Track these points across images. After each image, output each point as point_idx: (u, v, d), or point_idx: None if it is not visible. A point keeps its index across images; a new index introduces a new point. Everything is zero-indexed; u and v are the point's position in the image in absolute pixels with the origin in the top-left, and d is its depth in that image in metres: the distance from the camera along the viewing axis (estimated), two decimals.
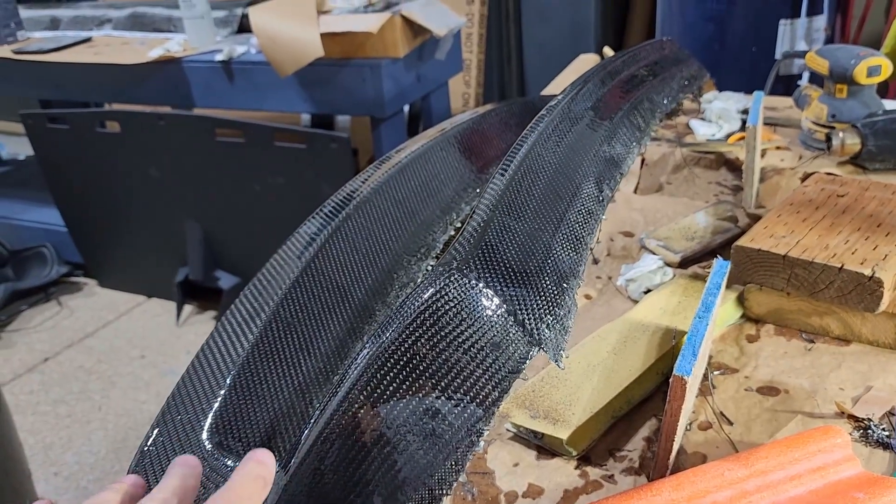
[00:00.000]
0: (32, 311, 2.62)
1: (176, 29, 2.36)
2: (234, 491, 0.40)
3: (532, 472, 0.61)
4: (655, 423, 0.65)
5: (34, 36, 2.53)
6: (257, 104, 2.14)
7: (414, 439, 0.47)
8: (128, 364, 2.29)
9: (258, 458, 0.42)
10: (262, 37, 1.89)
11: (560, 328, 0.53)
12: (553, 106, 0.74)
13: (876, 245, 0.72)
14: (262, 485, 0.41)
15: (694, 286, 0.80)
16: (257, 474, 0.41)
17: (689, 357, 0.54)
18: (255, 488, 0.41)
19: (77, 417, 2.08)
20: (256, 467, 0.41)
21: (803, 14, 2.03)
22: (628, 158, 0.75)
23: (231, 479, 0.41)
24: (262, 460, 0.42)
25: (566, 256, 0.58)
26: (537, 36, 2.93)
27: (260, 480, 0.41)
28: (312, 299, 0.63)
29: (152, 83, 2.18)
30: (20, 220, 2.80)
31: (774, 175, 1.06)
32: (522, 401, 0.65)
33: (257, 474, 0.41)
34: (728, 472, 0.53)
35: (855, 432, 0.61)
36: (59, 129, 2.36)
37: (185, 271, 2.42)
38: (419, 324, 0.49)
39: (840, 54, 1.10)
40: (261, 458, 0.42)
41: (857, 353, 0.71)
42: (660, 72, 0.93)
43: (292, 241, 0.67)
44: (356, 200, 0.70)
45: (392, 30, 1.93)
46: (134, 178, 2.35)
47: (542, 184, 0.64)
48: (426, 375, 0.48)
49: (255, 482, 0.41)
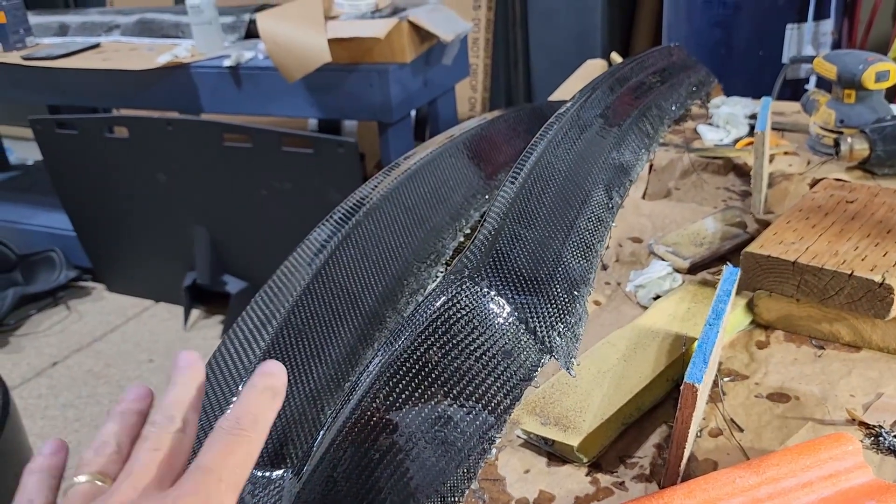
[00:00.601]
0: (41, 315, 2.63)
1: (184, 35, 2.38)
2: (244, 406, 0.38)
3: (543, 478, 0.61)
4: (666, 429, 0.65)
5: (43, 42, 2.55)
6: (265, 109, 2.15)
7: (426, 447, 0.48)
8: (136, 368, 2.30)
9: (266, 370, 0.41)
10: (269, 42, 1.90)
11: (571, 336, 0.53)
12: (562, 113, 0.74)
13: (886, 251, 0.72)
14: (272, 395, 0.40)
15: (703, 292, 0.80)
16: (266, 385, 0.40)
17: (700, 364, 0.54)
18: (265, 400, 0.39)
19: (86, 421, 2.09)
20: (264, 379, 0.40)
21: (810, 18, 2.03)
22: (637, 165, 0.75)
23: (241, 394, 0.39)
24: (270, 371, 0.41)
25: (576, 264, 0.58)
26: (544, 41, 2.94)
27: (269, 392, 0.40)
28: (323, 306, 0.63)
29: (160, 89, 2.20)
30: (29, 225, 2.82)
31: (783, 180, 1.06)
32: (533, 407, 0.65)
33: (266, 385, 0.40)
34: (739, 480, 0.53)
35: (866, 439, 0.61)
36: (68, 134, 2.37)
37: (193, 276, 2.43)
38: (431, 331, 0.50)
39: (848, 59, 1.10)
40: (269, 369, 0.41)
41: (868, 360, 0.71)
42: (668, 78, 0.93)
43: (302, 248, 0.68)
44: (366, 207, 0.71)
45: (399, 35, 1.94)
46: (142, 183, 2.36)
47: (553, 191, 0.64)
48: (438, 383, 0.49)
49: (264, 394, 0.39)
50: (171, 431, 0.37)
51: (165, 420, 0.38)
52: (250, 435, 0.37)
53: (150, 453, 0.36)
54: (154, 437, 0.37)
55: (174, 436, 0.37)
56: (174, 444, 0.37)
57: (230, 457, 0.36)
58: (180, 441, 0.37)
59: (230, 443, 0.37)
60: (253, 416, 0.38)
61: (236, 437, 0.37)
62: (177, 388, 0.39)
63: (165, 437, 0.37)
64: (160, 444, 0.37)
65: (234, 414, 0.38)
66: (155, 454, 0.36)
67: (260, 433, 0.38)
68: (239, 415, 0.38)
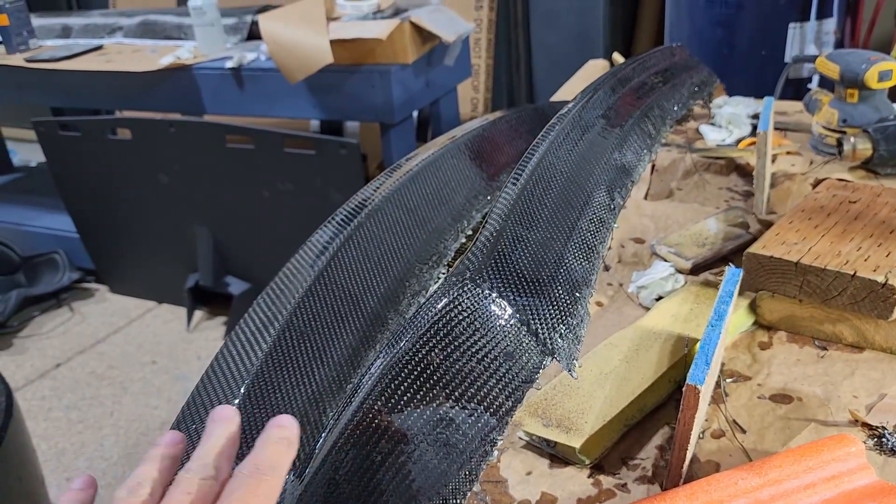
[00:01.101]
0: (44, 317, 2.63)
1: (186, 36, 2.38)
2: (260, 455, 0.40)
3: (545, 480, 0.61)
4: (668, 431, 0.65)
5: (46, 44, 2.55)
6: (267, 111, 2.16)
7: (428, 449, 0.48)
8: (139, 370, 2.30)
9: (279, 423, 0.42)
10: (271, 44, 1.90)
11: (573, 338, 0.53)
12: (564, 114, 0.74)
13: (889, 252, 0.72)
14: (287, 445, 0.41)
15: (706, 293, 0.80)
16: (280, 436, 0.41)
17: (703, 366, 0.54)
18: (281, 448, 0.41)
19: (89, 423, 2.09)
20: (279, 431, 0.42)
21: (812, 17, 2.03)
22: (639, 166, 0.75)
23: (256, 445, 0.41)
24: (283, 424, 0.42)
25: (578, 266, 0.58)
26: (546, 41, 2.94)
27: (284, 441, 0.41)
28: (325, 308, 0.63)
29: (163, 90, 2.20)
30: (32, 227, 2.82)
31: (785, 180, 1.05)
32: (535, 409, 0.65)
33: (280, 436, 0.41)
34: (742, 481, 0.53)
35: (869, 441, 0.61)
36: (71, 136, 2.38)
37: (196, 277, 2.43)
38: (433, 334, 0.50)
39: (851, 59, 1.10)
40: (282, 422, 0.42)
41: (871, 361, 0.70)
42: (670, 78, 0.93)
43: (304, 249, 0.68)
44: (368, 209, 0.71)
45: (401, 36, 1.94)
46: (145, 185, 2.36)
47: (554, 193, 0.64)
48: (440, 385, 0.49)
49: (279, 444, 0.41)
50: (203, 477, 0.39)
51: (199, 468, 0.40)
52: (270, 479, 0.39)
53: (182, 496, 0.38)
54: (186, 482, 0.39)
55: (206, 483, 0.39)
56: (206, 490, 0.39)
57: (252, 499, 0.38)
58: (211, 487, 0.39)
59: (251, 486, 0.39)
60: (270, 463, 0.40)
61: (257, 481, 0.39)
62: (212, 440, 0.42)
63: (197, 483, 0.39)
64: (192, 489, 0.39)
65: (253, 461, 0.40)
66: (186, 497, 0.38)
67: (278, 478, 0.40)
68: (257, 462, 0.40)
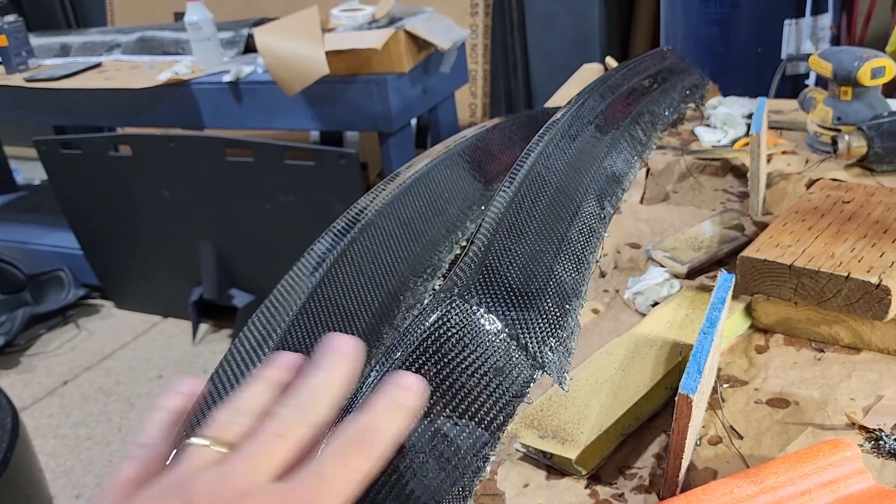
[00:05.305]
0: (51, 334, 2.65)
1: (184, 51, 2.39)
2: (375, 417, 0.34)
3: (542, 492, 0.61)
4: (665, 439, 0.65)
5: (45, 63, 2.57)
6: (266, 123, 2.17)
7: (420, 465, 0.48)
8: (146, 384, 2.31)
9: (402, 383, 0.35)
10: (268, 57, 1.91)
11: (563, 350, 0.53)
12: (552, 123, 0.74)
13: (883, 252, 0.72)
14: (405, 414, 0.35)
15: (701, 298, 0.80)
16: (400, 402, 0.35)
17: (695, 374, 0.54)
18: (396, 418, 0.34)
19: (97, 439, 2.10)
20: (399, 394, 0.35)
21: (808, 13, 2.03)
22: (630, 173, 0.75)
23: (373, 399, 0.34)
24: (407, 385, 0.35)
25: (568, 277, 0.58)
26: (543, 45, 2.94)
27: (403, 410, 0.35)
28: (320, 324, 0.63)
29: (162, 106, 2.21)
30: (37, 245, 2.84)
31: (781, 180, 1.05)
32: (531, 420, 0.65)
33: (400, 402, 0.35)
34: (737, 490, 0.53)
35: (866, 444, 0.61)
36: (73, 154, 2.39)
37: (200, 290, 2.44)
38: (422, 351, 0.50)
39: (843, 56, 1.10)
40: (406, 382, 0.35)
41: (868, 362, 0.70)
42: (661, 83, 0.93)
43: (301, 263, 0.68)
44: (361, 223, 0.71)
45: (396, 45, 1.94)
46: (147, 201, 2.37)
47: (544, 204, 0.64)
48: (431, 402, 0.49)
49: (396, 411, 0.34)
50: (303, 424, 0.34)
51: (299, 408, 0.34)
52: (375, 452, 0.33)
53: (275, 438, 0.33)
54: (284, 423, 0.33)
55: (305, 429, 0.34)
56: (302, 438, 0.33)
57: (350, 472, 0.33)
58: (310, 436, 0.34)
59: (354, 455, 0.33)
60: (382, 433, 0.34)
61: (361, 451, 0.33)
62: (323, 375, 0.35)
63: (296, 428, 0.33)
64: (288, 433, 0.33)
65: (362, 423, 0.34)
66: (280, 442, 0.33)
67: (383, 454, 0.34)
68: (367, 426, 0.34)
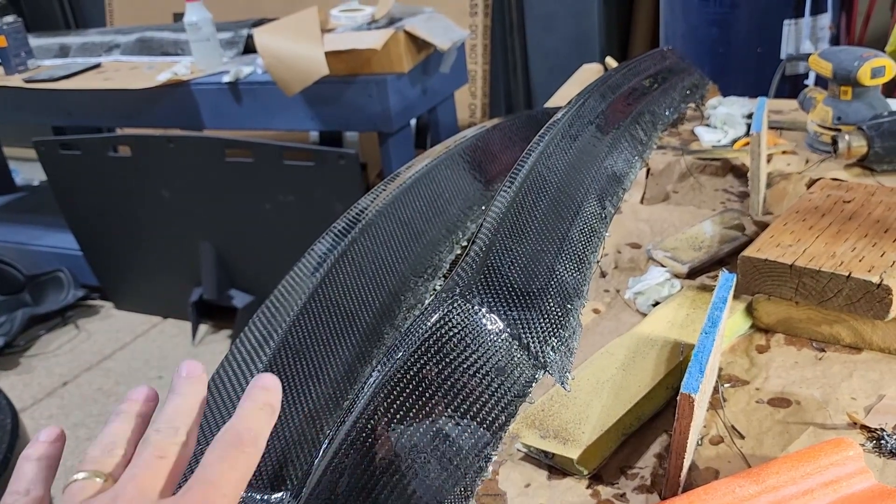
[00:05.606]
0: (50, 335, 2.64)
1: (183, 52, 2.39)
2: (245, 421, 0.38)
3: (544, 492, 0.61)
4: (666, 438, 0.65)
5: (44, 64, 2.57)
6: (266, 124, 2.16)
7: (423, 466, 0.48)
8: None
9: (262, 385, 0.41)
10: (267, 57, 1.91)
11: (565, 350, 0.53)
12: (553, 123, 0.74)
13: (883, 251, 0.72)
14: (270, 412, 0.40)
15: (702, 298, 0.80)
16: (265, 402, 0.40)
17: (696, 374, 0.54)
18: (265, 416, 0.39)
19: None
20: (263, 394, 0.40)
21: (807, 13, 2.03)
22: (630, 173, 0.75)
23: (238, 409, 0.39)
24: (267, 386, 0.41)
25: (570, 277, 0.58)
26: (542, 45, 2.94)
27: (267, 408, 0.40)
28: (321, 325, 0.63)
29: (161, 107, 2.21)
30: (36, 246, 2.84)
31: (781, 180, 1.05)
32: (532, 420, 0.65)
33: (265, 402, 0.40)
34: (739, 489, 0.53)
35: (868, 443, 0.61)
36: (72, 155, 2.39)
37: (200, 291, 2.44)
38: (424, 351, 0.50)
39: (843, 56, 1.10)
40: (266, 383, 0.41)
41: (869, 361, 0.70)
42: (661, 83, 0.93)
43: (300, 265, 0.68)
44: (362, 223, 0.71)
45: (396, 45, 1.94)
46: (146, 201, 2.37)
47: (545, 204, 0.64)
48: (433, 402, 0.49)
49: (263, 411, 0.39)
50: (175, 442, 0.38)
51: (170, 430, 0.38)
52: (251, 450, 0.38)
53: (155, 460, 0.37)
54: (159, 445, 0.37)
55: (177, 448, 0.38)
56: (177, 455, 0.37)
57: (233, 472, 0.36)
58: (182, 452, 0.38)
59: (233, 457, 0.37)
60: (253, 433, 0.38)
61: (239, 452, 0.37)
62: (179, 399, 0.40)
63: (170, 446, 0.37)
64: (165, 453, 0.37)
65: (236, 428, 0.38)
66: (160, 462, 0.37)
67: (259, 449, 0.38)
68: (240, 430, 0.38)
